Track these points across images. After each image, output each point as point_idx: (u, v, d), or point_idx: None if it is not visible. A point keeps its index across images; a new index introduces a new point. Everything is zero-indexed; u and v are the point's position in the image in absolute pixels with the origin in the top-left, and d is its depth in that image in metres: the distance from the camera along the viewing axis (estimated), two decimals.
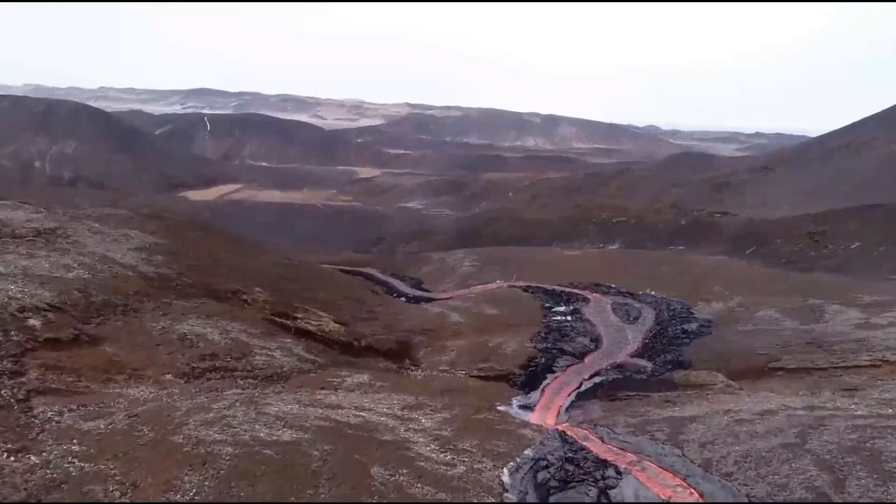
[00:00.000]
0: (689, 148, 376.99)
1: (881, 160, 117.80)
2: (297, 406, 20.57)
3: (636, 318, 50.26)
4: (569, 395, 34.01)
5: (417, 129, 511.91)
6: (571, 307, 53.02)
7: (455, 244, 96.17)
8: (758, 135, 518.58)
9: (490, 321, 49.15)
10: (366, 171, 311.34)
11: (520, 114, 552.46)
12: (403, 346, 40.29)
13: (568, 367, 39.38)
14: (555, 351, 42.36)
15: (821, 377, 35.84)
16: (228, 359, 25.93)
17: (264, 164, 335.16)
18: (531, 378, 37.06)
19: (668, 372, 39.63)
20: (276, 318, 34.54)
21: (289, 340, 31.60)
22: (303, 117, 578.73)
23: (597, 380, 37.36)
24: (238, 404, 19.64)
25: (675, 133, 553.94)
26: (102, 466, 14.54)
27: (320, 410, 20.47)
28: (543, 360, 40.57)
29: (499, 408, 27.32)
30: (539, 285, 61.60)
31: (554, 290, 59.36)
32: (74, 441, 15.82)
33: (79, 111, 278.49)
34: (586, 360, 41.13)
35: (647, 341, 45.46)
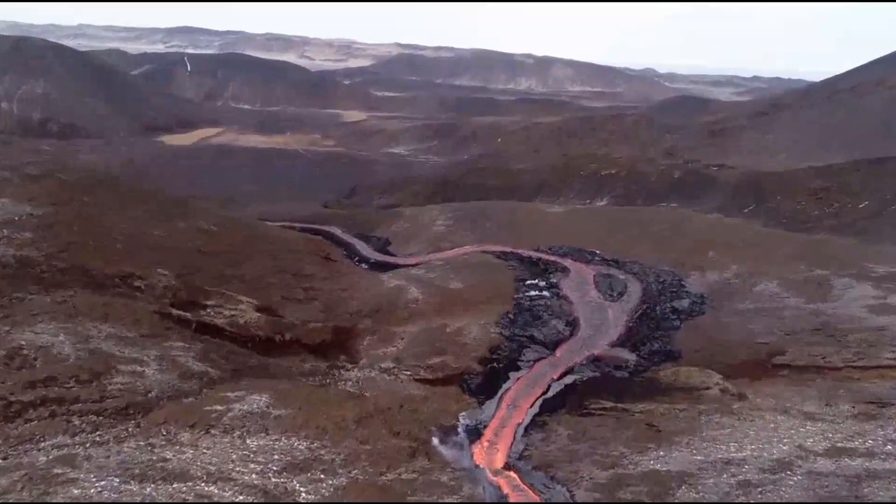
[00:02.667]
0: (685, 91, 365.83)
1: (891, 106, 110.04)
2: (116, 480, 14.30)
3: (620, 294, 44.10)
4: (532, 404, 28.04)
5: (408, 70, 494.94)
6: (548, 280, 46.70)
7: (434, 196, 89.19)
8: (755, 79, 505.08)
9: (453, 298, 42.89)
10: (353, 115, 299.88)
11: (513, 55, 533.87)
12: (342, 335, 34.14)
13: (536, 361, 33.40)
14: (523, 338, 36.31)
15: (835, 381, 29.96)
16: (72, 384, 19.67)
17: (247, 106, 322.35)
18: (490, 379, 31.11)
19: (655, 366, 33.75)
20: (175, 311, 28.13)
21: (179, 344, 25.26)
22: (290, 57, 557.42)
23: (568, 379, 31.41)
24: (22, 484, 13.33)
25: (671, 76, 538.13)
26: None
27: (150, 488, 14.21)
28: (508, 351, 34.53)
29: (434, 442, 21.29)
30: (515, 251, 55.17)
31: (531, 257, 52.97)
32: None
33: (48, 49, 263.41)
34: (559, 351, 35.12)
35: (631, 324, 39.44)
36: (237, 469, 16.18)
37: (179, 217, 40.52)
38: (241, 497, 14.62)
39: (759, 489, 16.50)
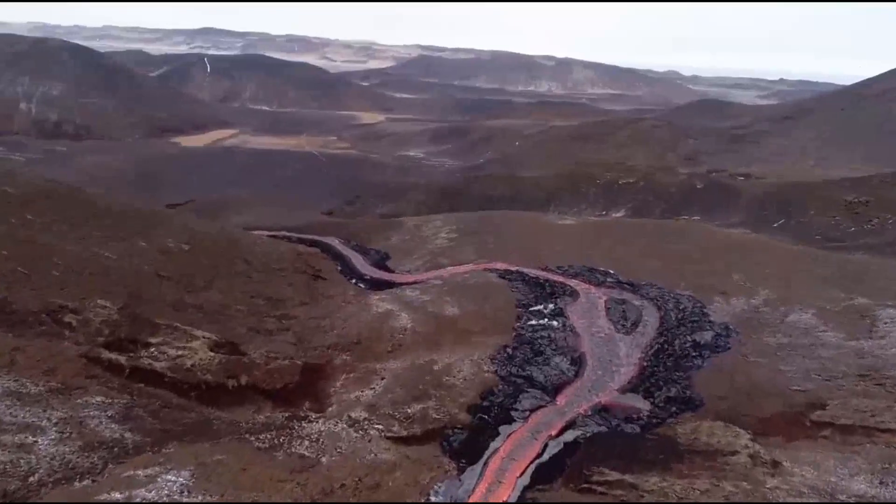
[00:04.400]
0: (708, 94, 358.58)
1: None
2: None
3: (634, 325, 39.28)
4: (521, 473, 23.47)
5: (425, 71, 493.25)
6: (554, 306, 41.99)
7: (438, 205, 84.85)
8: (781, 81, 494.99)
9: (447, 327, 38.41)
10: (368, 116, 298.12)
11: (532, 56, 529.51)
12: (312, 375, 29.77)
13: (533, 411, 28.75)
14: (520, 380, 31.71)
15: (890, 446, 25.00)
16: None
17: (264, 107, 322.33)
18: (477, 435, 26.52)
19: (672, 418, 29.01)
20: (105, 354, 23.94)
21: (98, 400, 21.07)
22: (310, 58, 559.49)
23: (569, 436, 26.75)
24: None
25: (695, 79, 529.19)
26: None
27: None
28: (502, 396, 29.95)
29: None
30: (520, 269, 50.52)
31: (537, 278, 48.27)
32: None
33: (65, 50, 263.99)
34: (561, 397, 30.44)
35: (646, 362, 34.61)
36: None
37: (142, 234, 36.53)
38: None
39: None
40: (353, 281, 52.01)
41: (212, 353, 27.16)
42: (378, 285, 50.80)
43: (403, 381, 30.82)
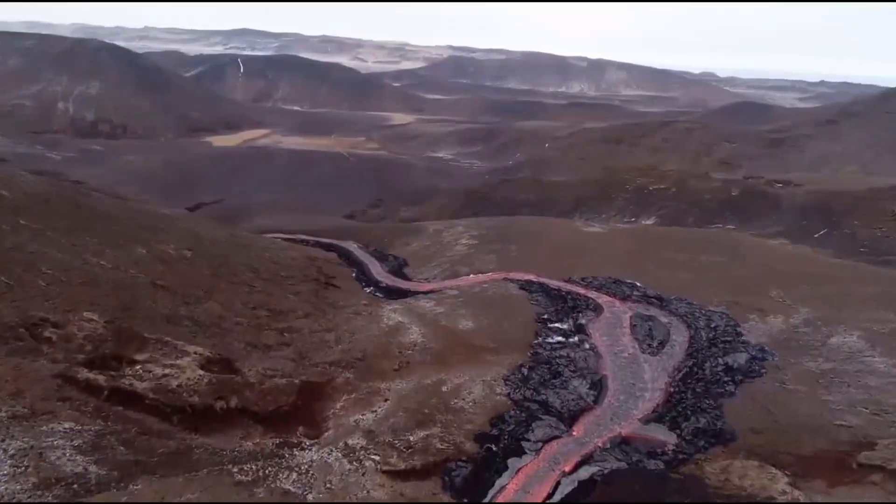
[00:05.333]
0: (745, 97, 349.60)
1: None
2: None
3: (661, 344, 36.56)
4: None
5: (457, 72, 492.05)
6: (575, 322, 39.47)
7: (462, 209, 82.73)
8: (822, 83, 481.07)
9: (459, 343, 36.20)
10: (399, 117, 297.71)
11: (565, 58, 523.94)
12: (310, 395, 27.85)
13: (546, 442, 26.36)
14: (534, 405, 29.33)
15: None
16: None
17: (296, 107, 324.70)
18: (482, 469, 24.27)
19: (700, 453, 26.33)
20: (83, 374, 22.31)
21: (66, 427, 19.39)
22: (343, 59, 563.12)
23: (584, 473, 24.32)
24: None
25: (732, 80, 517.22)
26: None
27: None
28: (514, 423, 27.63)
29: None
30: (542, 280, 48.06)
31: (559, 290, 45.74)
32: None
33: (102, 50, 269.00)
34: (578, 426, 27.97)
35: (672, 388, 31.91)
36: None
37: (142, 240, 35.12)
38: None
39: None
40: (368, 289, 50.23)
41: (201, 372, 25.37)
42: (393, 294, 48.91)
43: (408, 403, 28.72)
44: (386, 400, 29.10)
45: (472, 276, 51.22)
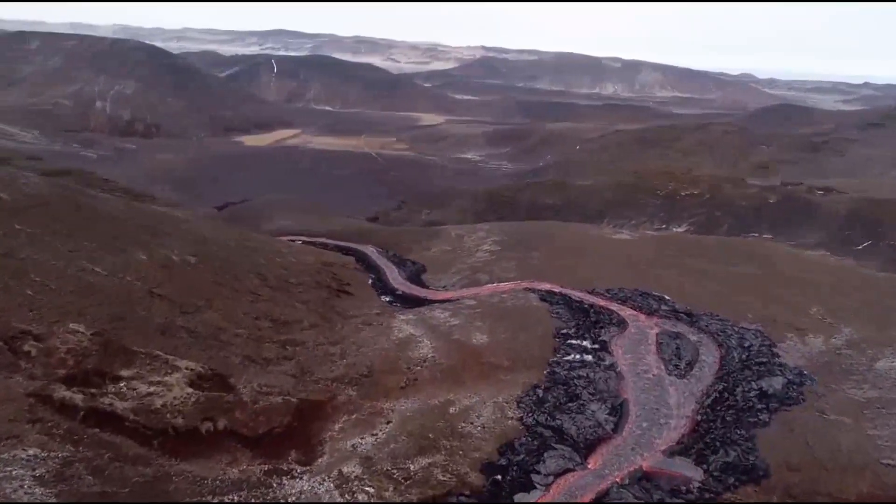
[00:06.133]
0: (785, 99, 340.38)
1: None
2: None
3: (689, 365, 34.02)
4: None
5: (488, 73, 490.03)
6: (597, 338, 37.11)
7: (485, 213, 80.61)
8: (866, 85, 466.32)
9: (472, 359, 34.19)
10: (429, 118, 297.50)
11: (599, 58, 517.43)
12: (308, 414, 26.12)
13: (558, 476, 24.20)
14: (548, 432, 27.16)
15: None
16: None
17: (327, 108, 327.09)
18: None
19: (729, 491, 24.00)
20: (59, 392, 20.89)
21: (31, 453, 17.91)
22: (375, 60, 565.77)
23: None
24: None
25: (771, 82, 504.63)
26: None
27: None
28: (524, 452, 25.52)
29: None
30: (564, 290, 45.74)
31: (581, 302, 43.37)
32: None
33: (138, 50, 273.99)
34: (594, 457, 25.73)
35: (700, 415, 29.41)
36: None
37: (144, 245, 33.85)
38: None
39: None
40: (382, 297, 48.54)
41: (189, 390, 23.83)
42: (408, 302, 47.12)
43: (412, 426, 26.81)
44: (388, 422, 27.24)
45: (491, 284, 49.18)
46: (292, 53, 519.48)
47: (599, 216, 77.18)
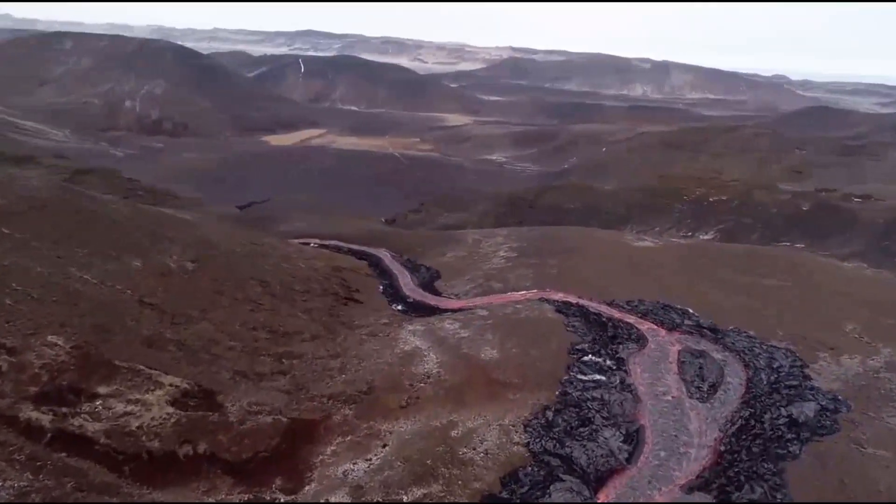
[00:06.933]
0: (820, 101, 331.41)
1: None
2: None
3: (713, 388, 31.68)
4: None
5: (515, 74, 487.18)
6: (614, 355, 34.93)
7: (504, 217, 78.50)
8: None
9: (480, 375, 32.29)
10: (454, 118, 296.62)
11: (628, 59, 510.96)
12: (299, 436, 24.50)
13: None
14: (556, 461, 25.14)
15: None
16: None
17: (353, 108, 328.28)
18: None
19: None
20: (28, 411, 19.53)
21: None
22: (402, 60, 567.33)
23: None
24: None
25: (805, 83, 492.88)
26: None
27: None
28: (528, 485, 23.57)
29: None
30: (581, 302, 43.57)
31: (599, 315, 41.16)
32: None
33: (167, 51, 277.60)
34: (604, 491, 23.66)
35: (724, 445, 27.10)
36: None
37: (141, 250, 32.59)
38: None
39: None
40: (392, 304, 46.88)
41: (170, 409, 22.35)
42: (418, 310, 45.35)
43: (409, 451, 25.03)
44: (385, 445, 25.50)
45: (505, 294, 47.21)
46: (320, 54, 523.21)
47: (623, 222, 74.49)
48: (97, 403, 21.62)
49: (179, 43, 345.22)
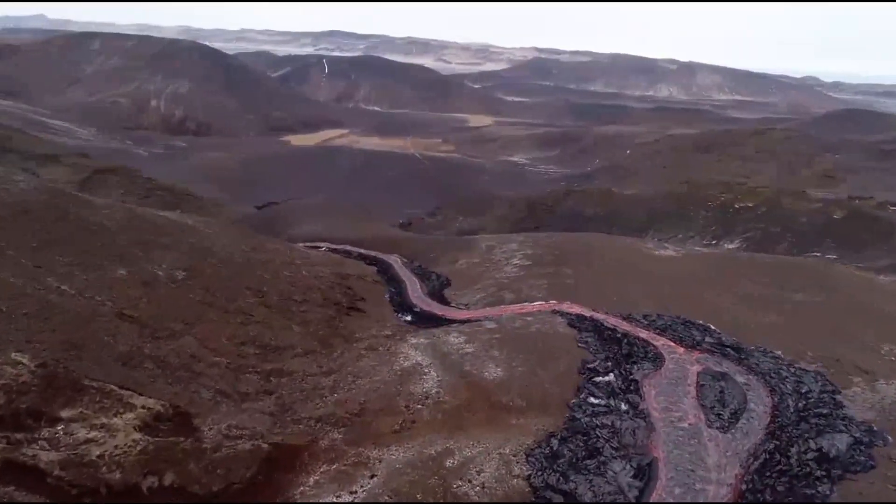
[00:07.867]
0: (853, 103, 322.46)
1: None
2: None
3: (734, 416, 29.16)
4: None
5: (540, 74, 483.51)
6: (627, 375, 32.57)
7: (522, 222, 76.25)
8: None
9: (481, 396, 30.20)
10: (477, 119, 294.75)
11: (655, 60, 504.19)
12: (279, 465, 22.65)
13: None
14: (558, 497, 22.97)
15: None
16: None
17: (376, 108, 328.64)
18: None
19: None
20: None
21: None
22: (427, 61, 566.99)
23: None
24: None
25: (837, 86, 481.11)
26: None
27: None
28: None
29: None
30: (595, 315, 41.22)
31: (614, 330, 38.77)
32: None
33: (193, 51, 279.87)
34: None
35: (745, 482, 24.66)
36: None
37: (129, 259, 31.10)
38: None
39: None
40: (398, 314, 45.07)
41: (137, 436, 20.66)
42: (424, 321, 43.50)
43: (399, 483, 23.06)
44: (373, 476, 23.55)
45: (516, 305, 45.07)
46: (345, 54, 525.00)
47: (644, 228, 71.71)
48: (58, 429, 20.03)
49: (206, 43, 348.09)
